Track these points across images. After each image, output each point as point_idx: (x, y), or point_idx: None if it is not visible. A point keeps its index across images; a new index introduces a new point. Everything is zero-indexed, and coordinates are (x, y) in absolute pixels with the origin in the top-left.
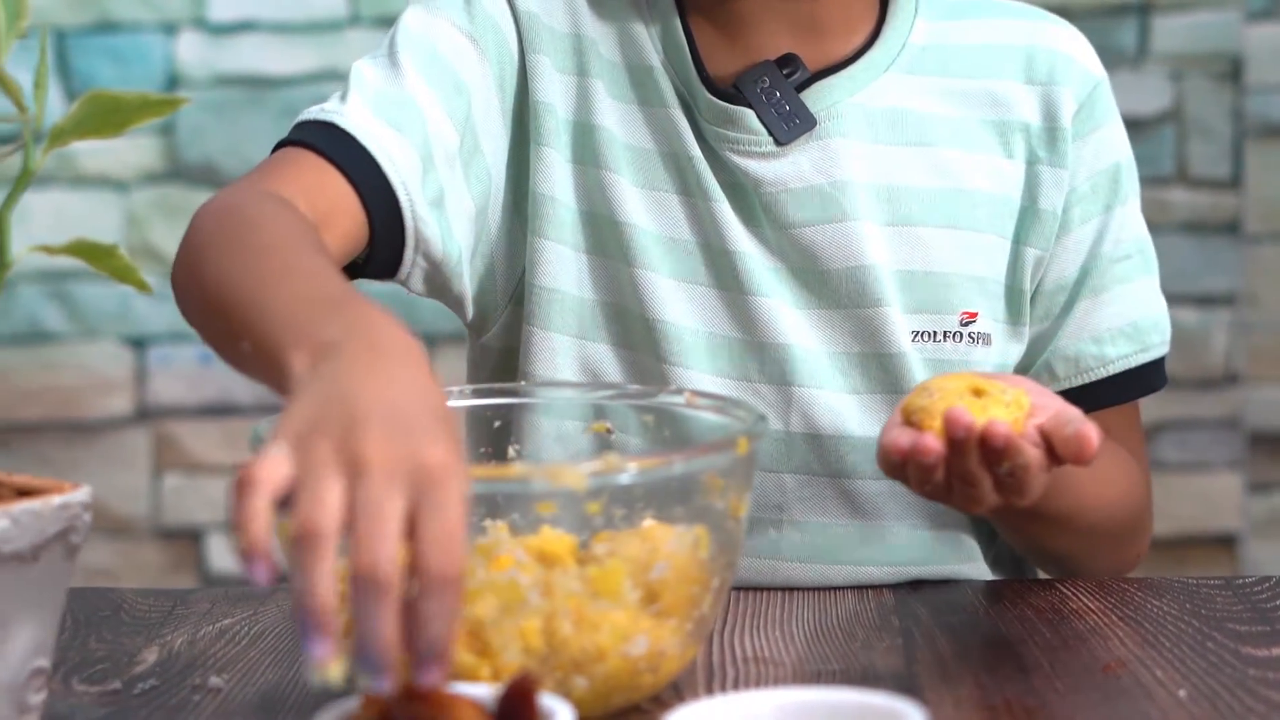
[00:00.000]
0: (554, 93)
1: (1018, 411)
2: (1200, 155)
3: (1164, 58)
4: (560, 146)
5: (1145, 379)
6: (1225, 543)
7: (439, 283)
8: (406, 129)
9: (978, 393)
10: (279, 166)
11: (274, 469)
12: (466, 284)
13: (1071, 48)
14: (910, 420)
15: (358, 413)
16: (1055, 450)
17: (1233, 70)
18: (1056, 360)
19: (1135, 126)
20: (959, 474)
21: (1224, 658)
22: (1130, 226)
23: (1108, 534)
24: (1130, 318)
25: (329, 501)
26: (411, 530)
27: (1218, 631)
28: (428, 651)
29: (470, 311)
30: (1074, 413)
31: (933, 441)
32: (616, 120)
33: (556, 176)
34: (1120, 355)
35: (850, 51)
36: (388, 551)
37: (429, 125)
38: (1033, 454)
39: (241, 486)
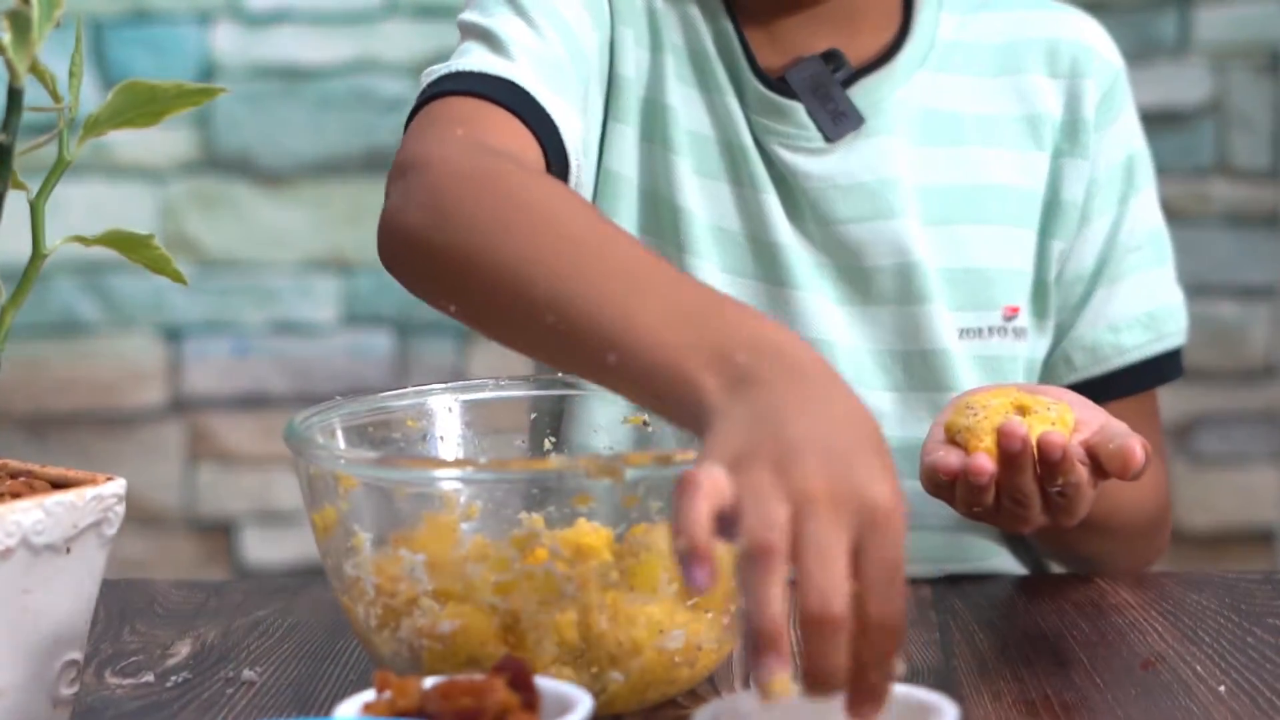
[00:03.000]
0: (632, 66)
1: (1063, 428)
2: (1241, 147)
3: (1205, 49)
4: (632, 122)
5: (1161, 368)
6: (1264, 537)
7: None
8: (567, 95)
9: (1022, 410)
10: (487, 123)
11: (715, 481)
12: None
13: (1092, 39)
14: (955, 440)
15: (796, 445)
16: (1101, 465)
17: (1273, 62)
18: (1074, 350)
19: (1176, 118)
20: (1010, 492)
21: (1264, 653)
22: (1144, 217)
23: (1136, 533)
24: (1146, 307)
25: (778, 522)
26: (855, 570)
27: (1257, 626)
28: (865, 691)
29: None
30: (1119, 426)
31: (985, 462)
32: (681, 102)
33: (627, 153)
34: (1137, 344)
35: (882, 47)
36: (839, 590)
37: (574, 93)
38: (1082, 471)
39: (684, 488)
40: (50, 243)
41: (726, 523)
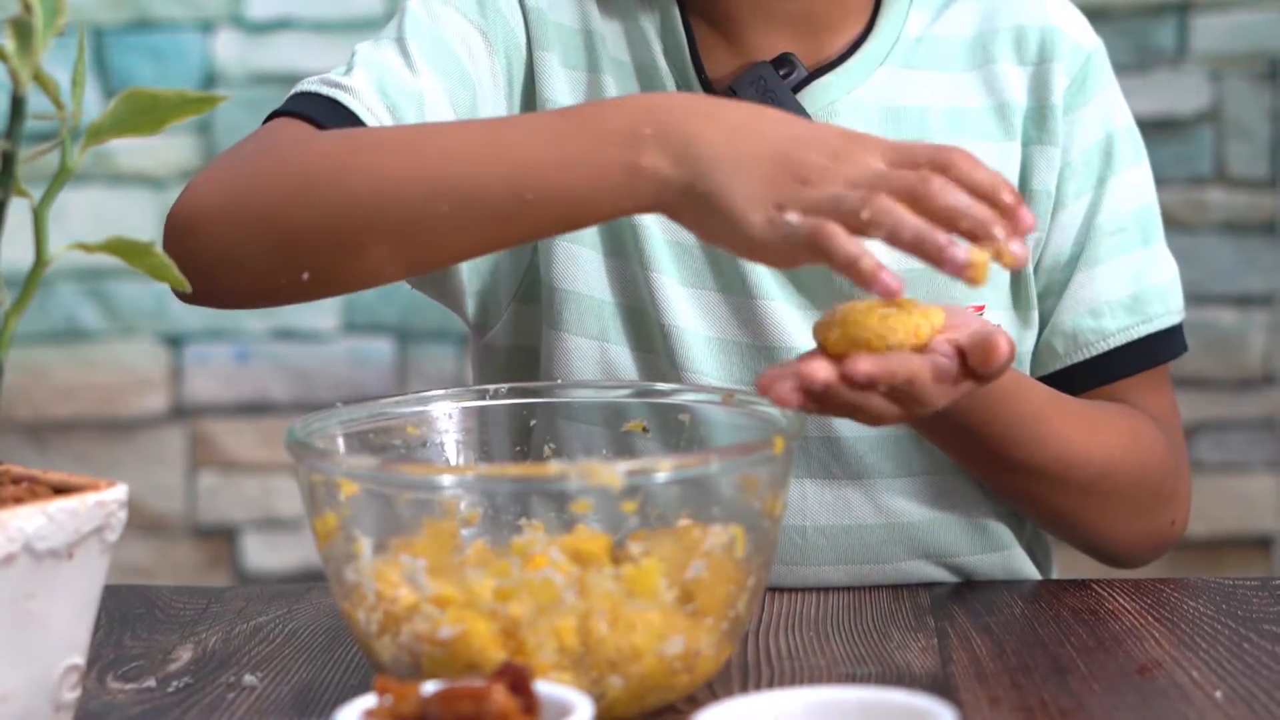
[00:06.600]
0: (562, 90)
1: (922, 320)
2: (1239, 155)
3: (1203, 57)
4: None
5: (1154, 350)
6: (1262, 544)
7: (437, 273)
8: (407, 117)
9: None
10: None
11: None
12: (464, 275)
13: (1061, 21)
14: (815, 336)
15: (785, 159)
16: (969, 361)
17: (1272, 70)
18: (1055, 337)
19: (1173, 126)
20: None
21: (1261, 659)
22: (1127, 197)
23: (1117, 493)
24: (1129, 290)
25: (856, 198)
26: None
27: (1254, 633)
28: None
29: (471, 307)
30: (989, 326)
31: (819, 370)
32: None
33: None
34: (1120, 328)
35: (845, 46)
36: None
37: (429, 115)
38: (916, 365)
39: (820, 237)
40: (53, 250)
41: None
